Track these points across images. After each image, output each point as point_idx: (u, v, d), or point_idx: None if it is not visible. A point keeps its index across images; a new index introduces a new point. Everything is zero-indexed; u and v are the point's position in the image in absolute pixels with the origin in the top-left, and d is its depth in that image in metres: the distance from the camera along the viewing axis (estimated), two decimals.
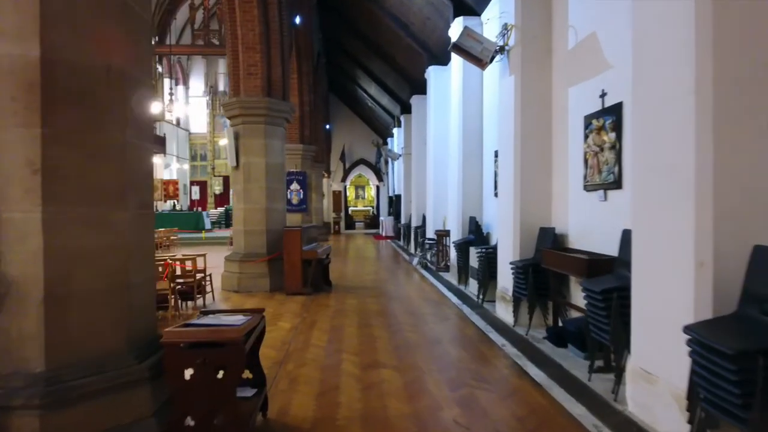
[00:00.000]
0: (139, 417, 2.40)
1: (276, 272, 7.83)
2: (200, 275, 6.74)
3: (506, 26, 5.74)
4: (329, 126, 25.14)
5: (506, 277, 5.75)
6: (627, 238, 3.60)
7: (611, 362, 3.92)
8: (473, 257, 7.35)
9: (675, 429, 2.69)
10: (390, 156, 20.23)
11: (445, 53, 10.27)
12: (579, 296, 4.74)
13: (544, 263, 4.85)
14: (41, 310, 2.21)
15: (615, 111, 4.19)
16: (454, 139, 9.12)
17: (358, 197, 30.14)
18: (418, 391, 3.60)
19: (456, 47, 5.85)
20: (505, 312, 5.76)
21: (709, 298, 2.53)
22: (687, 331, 2.39)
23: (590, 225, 4.70)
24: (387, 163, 23.83)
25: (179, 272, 6.64)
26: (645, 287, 3.05)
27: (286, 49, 8.53)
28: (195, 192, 29.70)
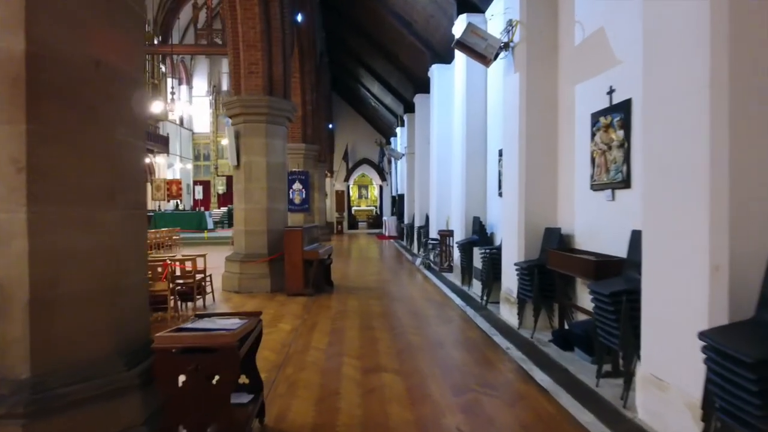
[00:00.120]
0: (129, 426, 2.30)
1: (277, 273, 7.74)
2: (200, 276, 6.66)
3: (511, 22, 5.62)
4: (332, 125, 25.06)
5: (511, 279, 5.63)
6: (637, 239, 3.48)
7: (619, 367, 3.80)
8: (477, 258, 7.23)
9: None
10: (393, 155, 20.13)
11: (449, 51, 10.16)
12: (585, 298, 4.63)
13: (550, 264, 4.74)
14: (26, 315, 2.11)
15: (623, 108, 4.07)
16: (458, 138, 9.01)
17: (361, 197, 30.05)
18: (421, 397, 3.49)
19: (460, 44, 5.74)
20: (510, 314, 5.64)
21: (725, 303, 2.42)
22: (702, 338, 2.27)
23: (597, 225, 4.58)
24: (390, 163, 23.73)
25: (179, 273, 6.56)
26: (656, 291, 2.93)
27: (288, 48, 8.44)
28: (198, 192, 29.76)
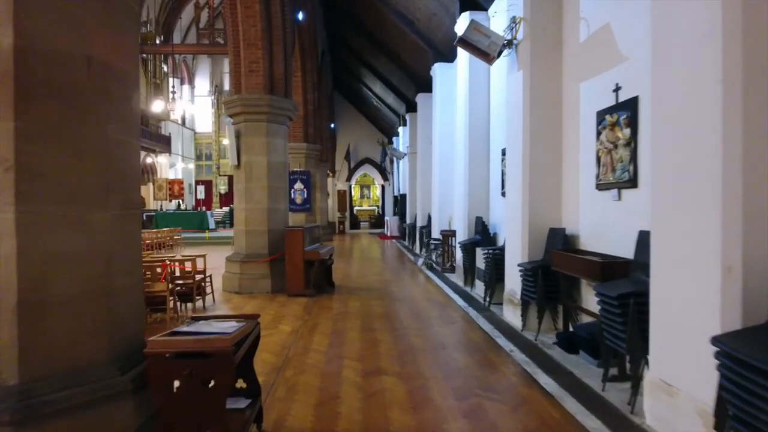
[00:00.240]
0: None
1: (278, 273, 7.67)
2: (200, 276, 6.60)
3: (514, 19, 5.53)
4: (334, 125, 24.99)
5: (514, 280, 5.55)
6: (644, 240, 3.40)
7: (626, 371, 3.72)
8: (480, 258, 7.15)
9: None
10: (395, 155, 20.05)
11: (451, 50, 10.07)
12: (591, 300, 4.54)
13: (554, 265, 4.65)
14: (14, 318, 2.05)
15: (630, 106, 3.98)
16: (461, 138, 8.92)
17: (363, 197, 29.98)
18: (422, 401, 3.41)
19: (462, 41, 5.65)
20: (513, 315, 5.56)
21: (738, 307, 2.33)
22: (716, 343, 2.19)
23: (603, 226, 4.49)
24: (392, 163, 23.64)
25: (178, 273, 6.50)
26: (665, 293, 2.84)
27: (289, 46, 8.36)
28: (200, 191, 29.73)
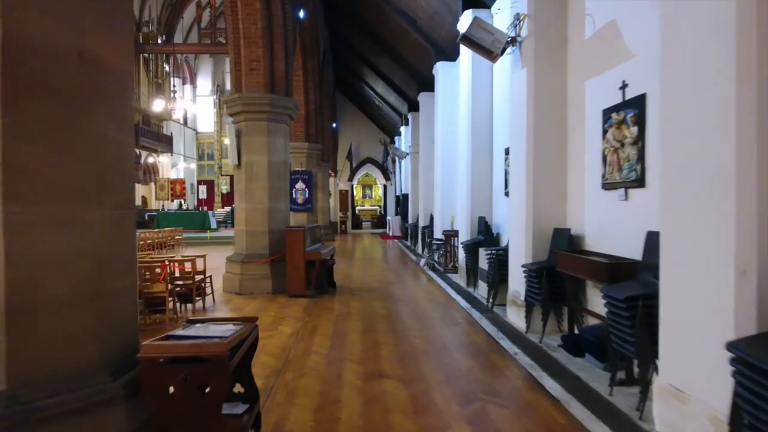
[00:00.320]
0: None
1: (279, 274, 7.59)
2: (200, 277, 6.53)
3: (518, 16, 5.44)
4: (336, 124, 24.92)
5: (518, 281, 5.46)
6: (653, 241, 3.31)
7: (634, 375, 3.64)
8: (483, 259, 7.06)
9: None
10: (397, 155, 19.97)
11: (454, 48, 9.99)
12: (596, 302, 4.46)
13: (559, 266, 4.56)
14: (2, 321, 1.97)
15: (637, 103, 3.89)
16: (463, 137, 8.84)
17: (365, 196, 29.90)
18: (425, 406, 3.33)
19: (465, 39, 5.57)
20: (517, 317, 5.47)
21: (753, 310, 2.25)
22: (731, 349, 2.10)
23: (609, 226, 4.40)
24: (394, 162, 23.56)
25: (178, 274, 6.43)
26: (676, 296, 2.75)
27: (290, 44, 8.29)
28: (202, 191, 29.72)
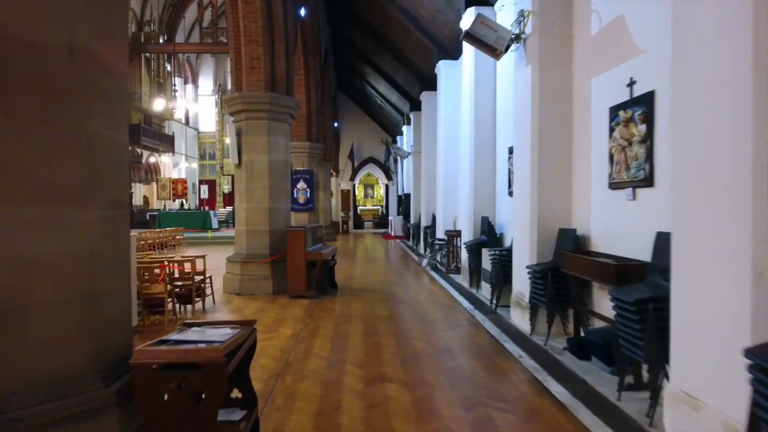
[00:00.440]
0: None
1: (279, 274, 7.51)
2: (199, 278, 6.44)
3: (522, 13, 5.35)
4: (337, 124, 24.85)
5: (522, 282, 5.37)
6: (663, 242, 3.22)
7: (642, 379, 3.54)
8: (486, 259, 6.97)
9: None
10: (399, 154, 19.88)
11: (456, 47, 9.89)
12: (603, 304, 4.36)
13: (565, 268, 4.47)
14: None
15: (646, 101, 3.79)
16: (466, 136, 8.74)
17: (367, 196, 29.84)
18: (428, 411, 3.24)
19: (469, 36, 5.47)
20: (521, 319, 5.38)
21: None
22: (749, 356, 2.01)
23: (616, 226, 4.31)
24: (396, 162, 23.47)
25: (177, 275, 6.35)
26: (688, 299, 2.66)
27: (291, 43, 8.21)
28: (204, 191, 29.67)
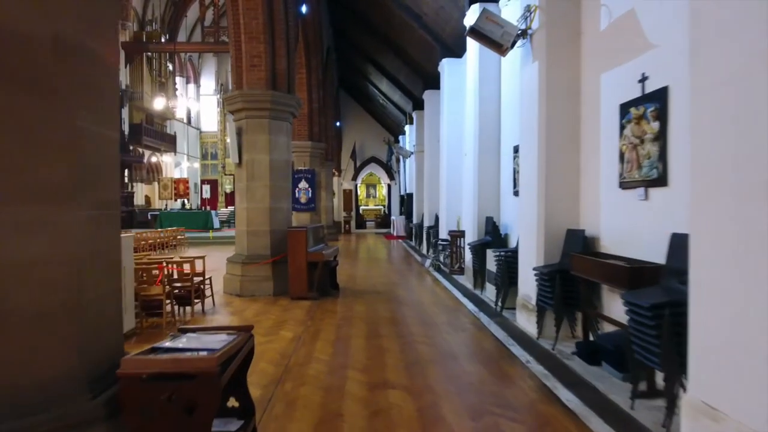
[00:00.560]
0: None
1: (280, 275, 7.39)
2: (199, 279, 6.32)
3: (529, 8, 5.21)
4: (340, 123, 24.73)
5: (528, 284, 5.23)
6: (679, 244, 3.08)
7: (656, 386, 3.40)
8: (491, 260, 6.83)
9: None
10: (401, 154, 19.75)
11: (460, 44, 9.76)
12: (613, 307, 4.23)
13: (574, 270, 4.32)
14: None
15: (659, 97, 3.65)
16: (470, 134, 8.60)
17: (369, 196, 29.72)
18: (433, 420, 3.11)
19: (474, 32, 5.34)
20: (528, 322, 5.24)
21: None
22: None
23: (627, 227, 4.16)
24: (398, 162, 23.35)
25: (176, 276, 6.24)
26: (709, 304, 2.52)
27: (292, 40, 8.08)
28: (206, 191, 29.61)
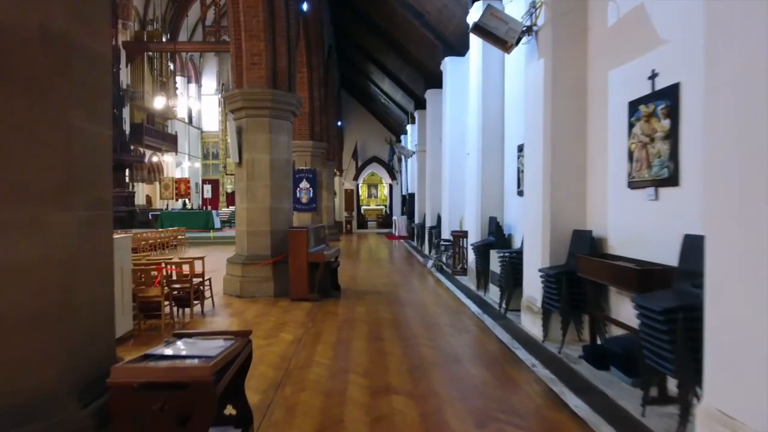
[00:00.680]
0: None
1: (281, 276, 7.30)
2: (198, 280, 6.23)
3: (534, 4, 5.11)
4: (341, 123, 24.63)
5: (533, 286, 5.13)
6: (692, 245, 2.98)
7: (667, 392, 3.30)
8: (495, 261, 6.73)
9: None
10: (403, 153, 19.66)
11: (463, 43, 9.66)
12: (621, 310, 4.13)
13: (581, 272, 4.22)
14: None
15: (670, 94, 3.55)
16: (473, 134, 8.50)
17: (371, 196, 29.62)
18: (438, 427, 3.01)
19: (478, 28, 5.24)
20: (533, 325, 5.14)
21: None
22: None
23: (636, 228, 4.06)
24: (400, 161, 23.25)
25: (175, 277, 6.15)
26: (726, 309, 2.41)
27: (293, 38, 7.99)
28: (207, 190, 29.54)
